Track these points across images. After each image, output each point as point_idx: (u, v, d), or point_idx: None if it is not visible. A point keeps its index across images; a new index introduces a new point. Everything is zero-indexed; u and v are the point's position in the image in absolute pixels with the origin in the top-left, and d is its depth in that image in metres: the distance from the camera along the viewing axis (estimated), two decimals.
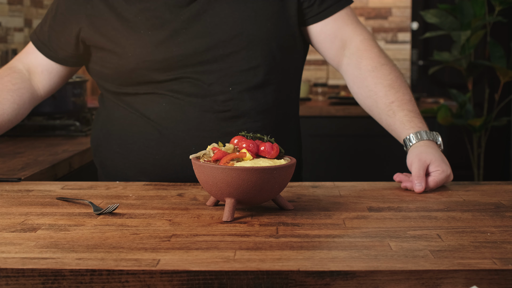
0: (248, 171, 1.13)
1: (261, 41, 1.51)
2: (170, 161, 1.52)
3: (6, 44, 2.89)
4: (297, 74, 1.63)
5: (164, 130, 1.52)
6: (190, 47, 1.49)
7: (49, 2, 3.45)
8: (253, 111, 1.52)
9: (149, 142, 1.54)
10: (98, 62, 1.56)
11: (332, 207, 1.25)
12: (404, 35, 4.66)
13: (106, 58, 1.54)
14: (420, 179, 1.37)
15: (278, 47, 1.54)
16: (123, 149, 1.57)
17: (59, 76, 1.65)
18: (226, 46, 1.50)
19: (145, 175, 1.55)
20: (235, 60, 1.50)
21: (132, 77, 1.52)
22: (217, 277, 0.90)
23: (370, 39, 1.59)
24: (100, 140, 1.62)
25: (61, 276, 0.90)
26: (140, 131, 1.54)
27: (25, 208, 1.24)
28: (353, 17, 1.60)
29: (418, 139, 1.45)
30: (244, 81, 1.51)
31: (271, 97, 1.54)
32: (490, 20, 3.69)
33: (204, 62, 1.50)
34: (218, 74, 1.50)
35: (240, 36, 1.50)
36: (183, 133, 1.51)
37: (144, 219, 1.17)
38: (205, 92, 1.50)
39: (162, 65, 1.49)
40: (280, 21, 1.54)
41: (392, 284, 0.90)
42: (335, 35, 1.58)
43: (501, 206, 1.27)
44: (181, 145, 1.51)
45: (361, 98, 1.57)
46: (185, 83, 1.50)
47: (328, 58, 1.63)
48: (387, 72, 1.54)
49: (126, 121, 1.57)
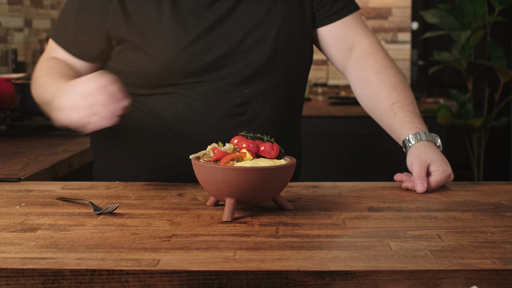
0: (248, 171, 1.13)
1: (280, 46, 1.52)
2: (182, 163, 1.50)
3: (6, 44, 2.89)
4: (305, 77, 1.64)
5: (180, 132, 1.51)
6: (213, 52, 1.48)
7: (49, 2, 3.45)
8: (268, 115, 1.53)
9: (163, 143, 1.53)
10: (115, 59, 1.53)
11: (332, 207, 1.25)
12: (404, 35, 4.66)
13: (126, 55, 1.50)
14: (421, 179, 1.37)
15: (295, 51, 1.55)
16: (133, 149, 1.56)
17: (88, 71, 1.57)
18: (247, 51, 1.50)
19: (155, 175, 1.54)
20: (254, 64, 1.50)
21: (151, 78, 1.49)
22: (217, 277, 0.90)
23: (377, 43, 1.60)
24: (106, 139, 1.61)
25: (61, 276, 0.90)
26: (153, 131, 1.53)
27: (25, 208, 1.24)
28: (362, 22, 1.62)
29: (417, 139, 1.45)
30: (260, 84, 1.51)
31: (284, 100, 1.55)
32: (490, 20, 3.69)
33: (224, 66, 1.49)
34: (236, 77, 1.50)
35: (260, 40, 1.51)
36: (198, 135, 1.50)
37: (144, 219, 1.17)
38: (222, 95, 1.50)
39: (184, 69, 1.48)
40: (298, 25, 1.55)
41: (392, 284, 0.90)
42: (343, 38, 1.59)
43: (501, 206, 1.27)
44: (195, 147, 1.49)
45: (364, 100, 1.58)
46: (203, 86, 1.49)
47: (334, 61, 1.63)
48: (392, 74, 1.55)
49: (138, 121, 1.54)
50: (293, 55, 1.55)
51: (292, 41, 1.54)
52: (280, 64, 1.53)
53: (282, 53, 1.53)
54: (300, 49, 1.57)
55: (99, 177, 1.66)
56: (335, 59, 1.63)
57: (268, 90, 1.52)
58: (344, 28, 1.59)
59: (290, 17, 1.54)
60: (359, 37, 1.60)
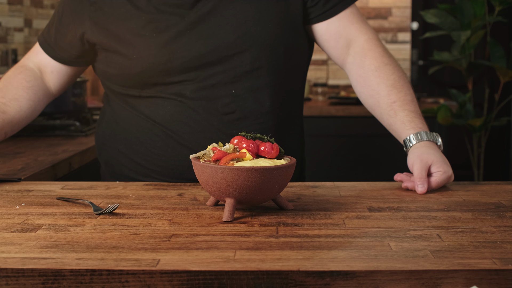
0: (248, 171, 1.13)
1: (265, 42, 1.51)
2: (176, 162, 1.52)
3: (6, 44, 2.89)
4: (301, 73, 1.63)
5: (170, 132, 1.52)
6: (194, 50, 1.48)
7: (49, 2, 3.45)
8: (258, 113, 1.52)
9: (155, 144, 1.54)
10: (103, 62, 1.57)
11: (332, 207, 1.25)
12: (404, 35, 4.66)
13: (111, 58, 1.54)
14: (422, 180, 1.37)
15: (282, 48, 1.53)
16: (129, 149, 1.57)
17: (68, 75, 1.67)
18: (229, 47, 1.49)
19: (150, 176, 1.55)
20: (239, 62, 1.50)
21: (136, 79, 1.51)
22: (217, 277, 0.90)
23: (374, 39, 1.59)
24: (105, 139, 1.63)
25: (61, 276, 0.90)
26: (145, 133, 1.54)
27: (25, 208, 1.24)
28: (358, 15, 1.60)
29: (418, 139, 1.45)
30: (247, 82, 1.51)
31: (275, 98, 1.54)
32: (490, 20, 3.69)
33: (207, 64, 1.49)
34: (222, 75, 1.50)
35: (244, 37, 1.50)
36: (189, 135, 1.51)
37: (144, 219, 1.17)
38: (209, 94, 1.50)
39: (166, 67, 1.49)
40: (284, 21, 1.53)
41: (392, 284, 0.90)
42: (340, 34, 1.58)
43: (501, 206, 1.27)
44: (187, 147, 1.50)
45: (364, 98, 1.57)
46: (189, 86, 1.50)
47: (333, 57, 1.63)
48: (390, 72, 1.54)
49: (131, 122, 1.56)
50: (282, 51, 1.53)
51: (279, 36, 1.52)
52: (266, 61, 1.52)
53: (268, 50, 1.51)
54: (289, 44, 1.55)
55: (103, 176, 1.68)
56: (333, 55, 1.62)
57: (256, 88, 1.52)
58: (341, 24, 1.58)
59: (274, 12, 1.52)
60: (356, 32, 1.58)
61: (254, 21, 1.50)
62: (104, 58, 1.56)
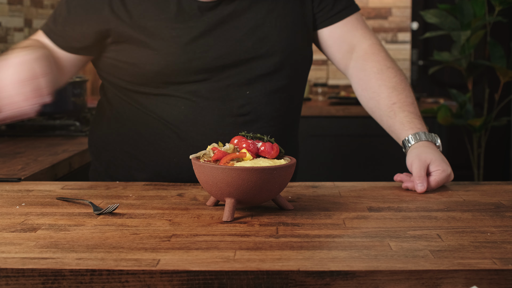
0: (248, 171, 1.13)
1: (281, 47, 1.52)
2: (187, 164, 1.50)
3: (6, 44, 2.89)
4: (306, 77, 1.65)
5: (183, 134, 1.51)
6: (212, 51, 1.48)
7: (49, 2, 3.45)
8: (269, 115, 1.53)
9: (167, 145, 1.52)
10: (114, 55, 1.51)
11: (332, 207, 1.25)
12: (404, 35, 4.66)
13: (129, 52, 1.49)
14: (421, 179, 1.37)
15: (296, 53, 1.55)
16: (137, 150, 1.56)
17: (72, 64, 1.57)
18: (247, 51, 1.50)
19: (159, 177, 1.54)
20: (255, 65, 1.51)
21: (150, 76, 1.48)
22: (217, 277, 0.90)
23: (378, 44, 1.61)
24: (108, 139, 1.61)
25: (61, 276, 0.90)
26: (156, 133, 1.53)
27: (25, 208, 1.24)
28: (362, 22, 1.63)
29: (417, 140, 1.45)
30: (262, 85, 1.52)
31: (286, 102, 1.56)
32: (490, 20, 3.69)
33: (224, 66, 1.49)
34: (237, 78, 1.50)
35: (261, 41, 1.51)
36: (202, 136, 1.50)
37: (144, 219, 1.17)
38: (223, 95, 1.50)
39: (184, 67, 1.47)
40: (299, 27, 1.56)
41: (392, 284, 0.90)
42: (344, 39, 1.60)
43: (501, 206, 1.27)
44: (199, 148, 1.49)
45: (365, 100, 1.58)
46: (204, 86, 1.49)
47: (335, 62, 1.64)
48: (392, 75, 1.55)
49: (140, 122, 1.54)
50: (295, 57, 1.55)
51: (294, 42, 1.55)
52: (282, 66, 1.53)
53: (284, 55, 1.53)
54: (301, 50, 1.57)
55: (97, 178, 1.65)
56: (336, 59, 1.63)
57: (270, 91, 1.53)
58: (345, 29, 1.60)
59: (291, 18, 1.54)
60: (359, 38, 1.60)
61: (272, 26, 1.52)
62: (119, 51, 1.50)
